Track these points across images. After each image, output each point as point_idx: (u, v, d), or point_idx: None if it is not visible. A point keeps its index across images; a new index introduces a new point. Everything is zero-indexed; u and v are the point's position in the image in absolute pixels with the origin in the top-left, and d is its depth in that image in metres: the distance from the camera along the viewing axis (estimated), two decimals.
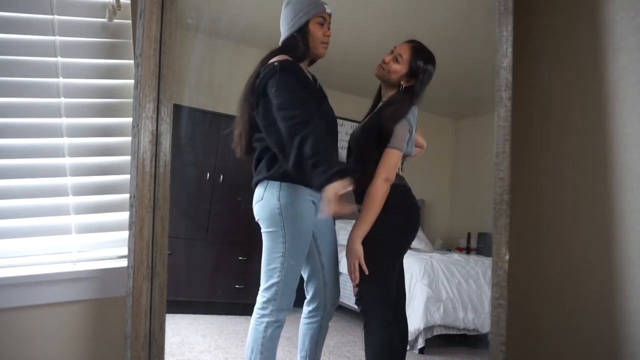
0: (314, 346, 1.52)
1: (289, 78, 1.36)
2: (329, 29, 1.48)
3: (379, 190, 1.44)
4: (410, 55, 1.54)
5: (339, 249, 1.58)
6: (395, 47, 1.57)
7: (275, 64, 1.38)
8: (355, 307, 1.79)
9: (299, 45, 1.45)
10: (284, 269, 1.39)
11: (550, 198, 1.57)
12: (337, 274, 1.55)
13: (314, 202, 1.44)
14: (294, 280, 1.42)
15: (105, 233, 1.50)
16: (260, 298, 1.41)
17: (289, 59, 1.41)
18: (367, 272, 1.44)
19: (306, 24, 1.45)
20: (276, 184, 1.40)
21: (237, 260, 1.92)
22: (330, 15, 1.48)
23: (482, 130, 1.98)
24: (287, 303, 1.40)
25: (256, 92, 1.40)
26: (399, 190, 1.52)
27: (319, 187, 1.26)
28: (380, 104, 1.59)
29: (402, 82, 1.54)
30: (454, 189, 2.17)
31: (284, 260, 1.39)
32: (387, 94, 1.58)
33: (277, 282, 1.39)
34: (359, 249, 1.43)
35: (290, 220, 1.39)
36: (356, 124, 1.68)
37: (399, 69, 1.54)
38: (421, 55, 1.55)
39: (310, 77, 1.51)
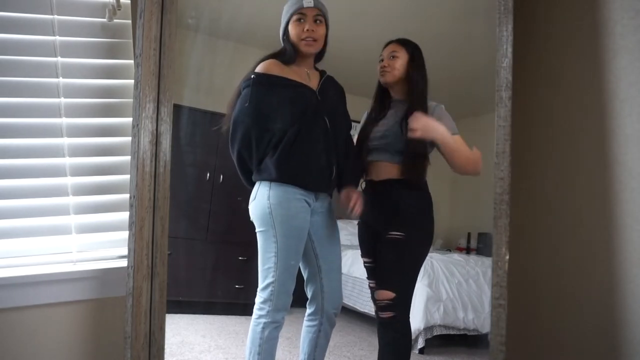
0: (313, 350, 1.51)
1: (259, 95, 1.41)
2: (316, 22, 1.44)
3: (474, 158, 1.46)
4: (402, 47, 1.58)
5: (341, 250, 1.58)
6: (381, 55, 1.61)
7: (253, 76, 1.43)
8: (357, 309, 1.79)
9: (287, 49, 1.48)
10: (277, 269, 1.39)
11: (550, 198, 1.57)
12: (337, 279, 1.53)
13: (307, 202, 1.44)
14: (289, 281, 1.41)
15: (105, 233, 1.50)
16: (258, 299, 1.41)
17: (267, 70, 1.43)
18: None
19: (287, 25, 1.46)
20: (267, 183, 1.42)
21: (237, 260, 1.92)
22: (317, 8, 1.44)
23: (482, 130, 1.98)
24: (283, 303, 1.40)
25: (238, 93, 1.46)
26: (429, 196, 1.56)
27: None
28: (393, 103, 1.60)
29: (409, 72, 1.56)
30: (454, 189, 2.17)
31: (277, 260, 1.39)
32: (399, 93, 1.60)
33: (272, 282, 1.39)
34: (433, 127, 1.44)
35: (280, 219, 1.39)
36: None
37: (401, 62, 1.56)
38: (409, 43, 1.59)
39: (310, 77, 1.50)
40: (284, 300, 1.40)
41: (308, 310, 1.52)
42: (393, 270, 1.52)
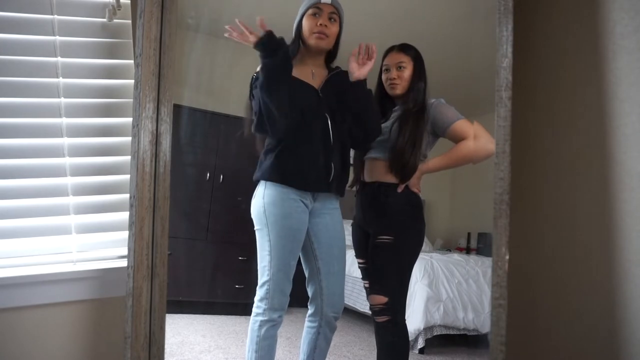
0: (312, 351, 1.51)
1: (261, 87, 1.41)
2: (330, 20, 1.46)
3: (475, 147, 1.52)
4: (407, 56, 1.58)
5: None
6: (386, 64, 1.60)
7: (254, 74, 1.45)
8: (360, 309, 1.79)
9: (292, 42, 1.49)
10: (272, 268, 1.39)
11: (550, 198, 1.57)
12: (337, 282, 1.51)
13: (304, 204, 1.44)
14: (284, 281, 1.41)
15: (105, 233, 1.50)
16: (256, 296, 1.43)
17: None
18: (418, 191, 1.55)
19: (301, 19, 1.47)
20: (263, 182, 1.44)
21: (237, 260, 1.92)
22: (334, 6, 1.46)
23: None
24: (279, 303, 1.40)
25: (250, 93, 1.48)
26: (418, 198, 1.57)
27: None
28: (397, 109, 1.60)
29: (414, 80, 1.58)
30: (454, 189, 2.17)
31: (271, 259, 1.40)
32: (402, 98, 1.60)
33: (268, 281, 1.40)
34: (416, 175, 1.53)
35: (273, 219, 1.40)
36: None
37: (409, 72, 1.57)
38: (410, 49, 1.60)
39: (315, 75, 1.50)
40: (280, 300, 1.40)
41: (309, 311, 1.53)
42: (384, 275, 1.52)
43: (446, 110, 1.55)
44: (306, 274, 1.52)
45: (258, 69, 1.47)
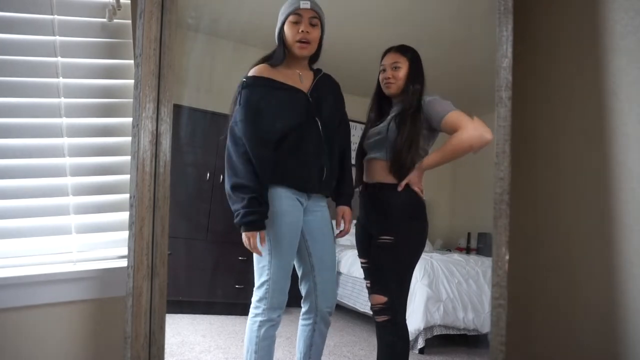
0: (308, 349, 1.51)
1: (249, 97, 1.42)
2: (311, 24, 1.44)
3: (471, 136, 1.47)
4: (402, 57, 1.58)
5: (338, 249, 1.58)
6: (383, 64, 1.61)
7: (244, 79, 1.45)
8: (364, 310, 1.79)
9: (277, 50, 1.49)
10: (271, 267, 1.40)
11: (550, 198, 1.57)
12: (330, 278, 1.52)
13: (300, 202, 1.45)
14: (284, 279, 1.42)
15: (105, 233, 1.50)
16: (254, 297, 1.43)
17: (259, 74, 1.45)
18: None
19: (282, 27, 1.46)
20: None
21: (237, 260, 1.92)
22: (314, 10, 1.44)
23: None
24: (278, 302, 1.41)
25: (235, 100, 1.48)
26: (420, 198, 1.56)
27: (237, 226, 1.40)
28: (394, 109, 1.60)
29: (409, 79, 1.57)
30: (454, 189, 2.17)
31: (271, 258, 1.40)
32: (399, 97, 1.60)
33: (267, 280, 1.40)
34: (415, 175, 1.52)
35: (272, 217, 1.40)
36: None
37: (404, 72, 1.57)
38: (408, 50, 1.59)
39: (302, 79, 1.50)
40: (279, 299, 1.41)
41: (303, 309, 1.53)
42: (384, 275, 1.52)
43: (438, 105, 1.54)
44: (299, 273, 1.52)
45: (249, 73, 1.46)
